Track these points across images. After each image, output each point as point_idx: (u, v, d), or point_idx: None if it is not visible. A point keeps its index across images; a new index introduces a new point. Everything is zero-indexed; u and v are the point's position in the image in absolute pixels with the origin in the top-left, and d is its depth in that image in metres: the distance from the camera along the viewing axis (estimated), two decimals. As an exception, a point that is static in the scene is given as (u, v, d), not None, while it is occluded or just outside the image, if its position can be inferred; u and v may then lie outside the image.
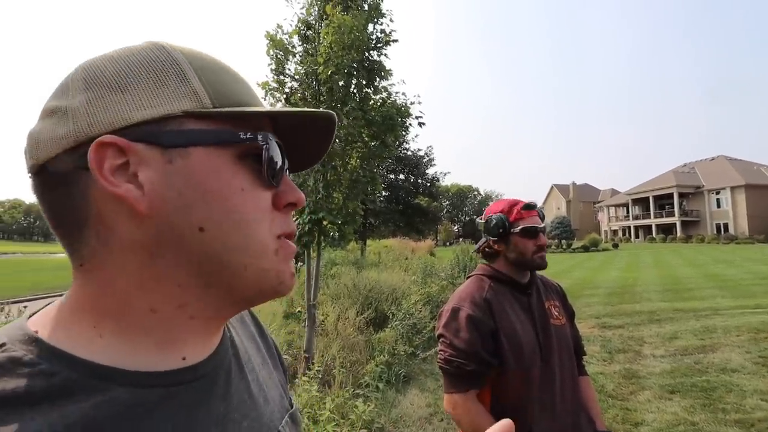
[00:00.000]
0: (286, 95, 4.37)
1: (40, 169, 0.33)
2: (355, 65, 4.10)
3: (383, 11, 4.44)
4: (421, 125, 4.96)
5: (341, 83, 4.06)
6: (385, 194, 26.52)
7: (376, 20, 4.40)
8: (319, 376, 3.31)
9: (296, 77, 4.33)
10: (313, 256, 4.47)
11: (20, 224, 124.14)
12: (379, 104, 4.45)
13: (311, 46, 4.30)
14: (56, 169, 0.32)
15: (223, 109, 0.35)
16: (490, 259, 1.41)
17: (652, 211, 43.77)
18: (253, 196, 0.35)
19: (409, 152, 28.17)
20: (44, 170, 0.33)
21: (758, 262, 15.86)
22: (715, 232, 38.07)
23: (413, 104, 4.72)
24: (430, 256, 15.26)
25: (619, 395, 3.83)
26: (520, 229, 1.31)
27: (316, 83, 4.18)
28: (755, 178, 37.74)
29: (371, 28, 4.36)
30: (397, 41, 4.57)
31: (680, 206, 40.97)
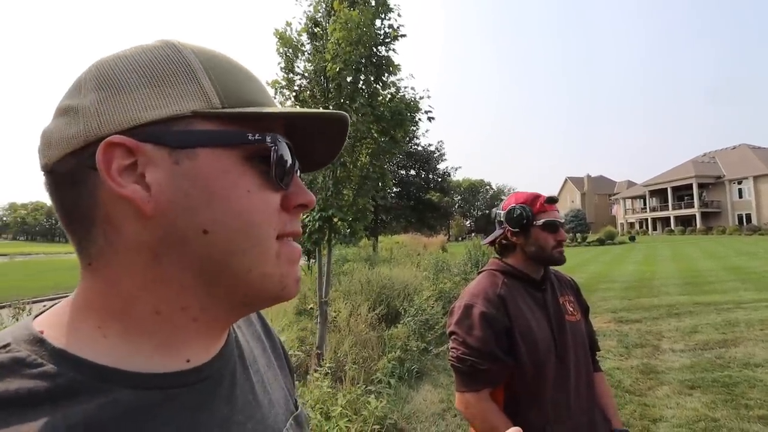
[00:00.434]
0: (295, 93, 4.38)
1: (52, 167, 0.33)
2: (363, 61, 4.08)
3: (391, 6, 4.41)
4: (430, 120, 4.92)
5: (349, 79, 4.05)
6: (396, 190, 26.49)
7: (383, 15, 4.37)
8: (331, 372, 3.33)
9: (305, 75, 4.34)
10: (323, 253, 4.49)
11: (43, 226, 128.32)
12: (387, 100, 4.43)
13: (320, 43, 4.30)
14: (67, 168, 0.33)
15: (231, 109, 0.34)
16: (504, 252, 1.37)
17: (670, 202, 42.74)
18: (260, 198, 0.35)
19: (419, 147, 28.05)
20: (55, 169, 0.33)
21: (783, 253, 15.36)
22: (737, 223, 36.98)
23: (422, 99, 4.69)
24: (442, 251, 15.19)
25: (636, 391, 3.76)
26: (542, 222, 1.27)
27: (324, 80, 4.18)
28: (780, 166, 36.47)
29: (378, 23, 4.33)
30: (405, 36, 4.53)
31: (700, 197, 39.89)
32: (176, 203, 0.32)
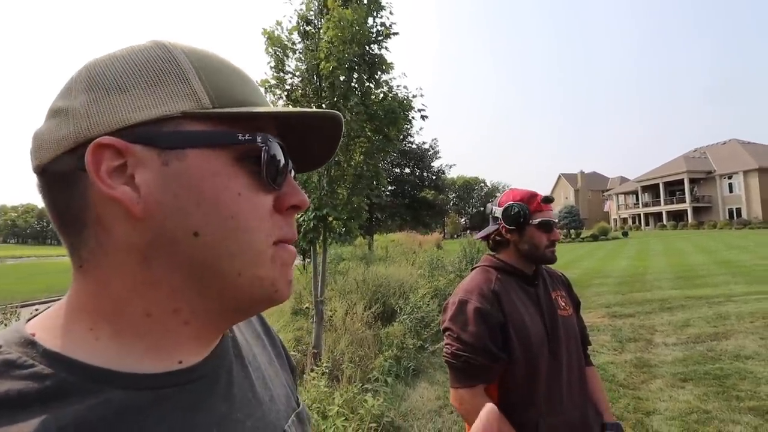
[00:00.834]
0: (287, 92, 4.36)
1: (43, 169, 0.33)
2: (356, 59, 4.07)
3: (383, 4, 4.40)
4: (423, 118, 4.93)
5: (342, 78, 4.04)
6: (390, 188, 26.50)
7: (375, 13, 4.36)
8: (327, 371, 3.33)
9: (297, 74, 4.32)
10: (319, 252, 4.48)
11: (34, 228, 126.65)
12: (380, 98, 4.42)
13: (311, 42, 4.28)
14: (58, 169, 0.32)
15: (221, 109, 0.34)
16: (497, 248, 1.38)
17: (662, 198, 43.18)
18: (250, 200, 0.35)
19: (413, 145, 28.07)
20: (47, 171, 0.33)
21: (772, 246, 15.60)
22: (727, 217, 37.46)
23: (415, 97, 4.69)
24: (437, 249, 15.23)
25: (630, 384, 3.81)
26: (538, 221, 1.28)
27: (317, 79, 4.17)
28: (769, 161, 36.97)
29: (371, 21, 4.33)
30: (397, 34, 4.53)
31: (691, 192, 40.34)
32: (166, 205, 0.32)
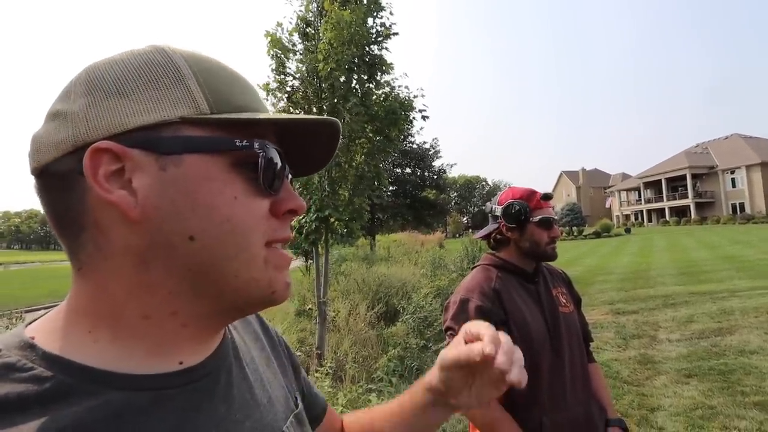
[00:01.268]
0: (287, 94, 4.38)
1: (41, 172, 0.33)
2: (355, 60, 4.08)
3: (382, 4, 4.41)
4: (424, 118, 4.93)
5: (342, 79, 4.05)
6: (392, 188, 26.48)
7: (375, 14, 4.37)
8: (331, 371, 3.34)
9: (297, 76, 4.33)
10: (321, 253, 4.50)
11: (37, 234, 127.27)
12: (381, 99, 4.43)
13: (311, 43, 4.29)
14: (56, 172, 0.33)
15: (219, 115, 0.34)
16: (497, 246, 1.39)
17: (664, 193, 43.02)
18: (246, 204, 0.35)
19: (414, 145, 28.04)
20: (45, 174, 0.33)
21: (776, 241, 15.52)
22: (730, 212, 37.29)
23: (416, 97, 4.69)
24: (439, 248, 15.23)
25: (634, 381, 3.80)
26: (538, 219, 1.29)
27: (317, 80, 4.18)
28: (771, 155, 36.79)
29: (371, 21, 4.33)
30: (397, 34, 4.53)
31: (694, 188, 40.18)
32: (162, 209, 0.32)
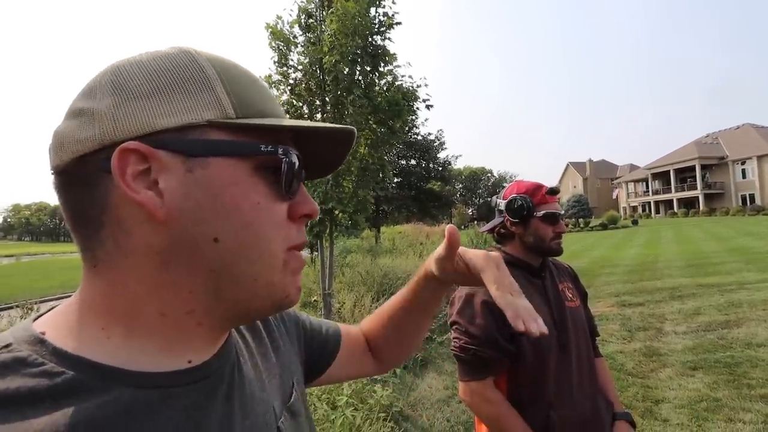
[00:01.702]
0: (290, 86, 4.36)
1: (63, 168, 0.34)
2: (359, 51, 4.05)
3: (385, -7, 4.36)
4: (428, 108, 4.90)
5: (346, 71, 4.02)
6: (396, 180, 26.46)
7: (377, 4, 4.32)
8: (336, 362, 3.36)
9: (300, 68, 4.31)
10: (325, 245, 4.51)
11: (47, 226, 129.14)
12: (384, 90, 4.40)
13: (313, 35, 4.26)
14: (78, 170, 0.33)
15: (246, 120, 0.35)
16: (502, 240, 1.38)
17: (673, 185, 42.52)
18: (268, 208, 0.36)
19: (419, 137, 27.90)
20: (67, 170, 0.33)
21: (787, 233, 15.30)
22: (740, 203, 36.80)
23: (420, 87, 4.66)
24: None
25: (639, 373, 3.80)
26: (543, 213, 1.28)
27: (320, 72, 4.15)
28: (784, 145, 36.11)
29: (373, 11, 4.29)
30: (400, 24, 4.49)
31: (703, 179, 39.66)
32: (187, 211, 0.33)
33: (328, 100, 4.13)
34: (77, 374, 0.30)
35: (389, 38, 4.44)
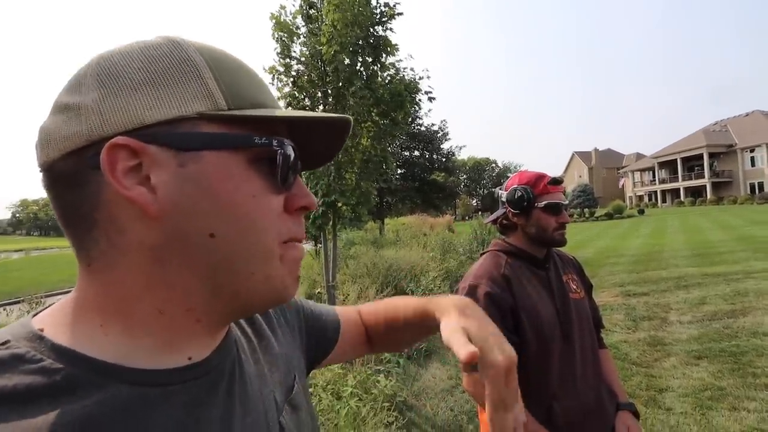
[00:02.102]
0: (293, 78, 4.34)
1: (50, 165, 0.32)
2: (359, 42, 4.01)
3: (386, -18, 4.29)
4: (431, 100, 4.86)
5: (346, 62, 3.99)
6: (400, 172, 26.39)
7: (379, -8, 4.26)
8: (341, 353, 3.39)
9: (302, 59, 4.28)
10: (329, 238, 4.53)
11: (55, 221, 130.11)
12: (386, 81, 4.37)
13: (315, 25, 4.22)
14: (67, 167, 0.32)
15: (239, 112, 0.34)
16: (505, 231, 1.38)
17: (680, 173, 42.01)
18: (264, 201, 0.35)
19: (422, 128, 27.73)
20: (54, 168, 0.32)
21: (796, 221, 15.11)
22: (749, 192, 36.32)
23: (422, 79, 4.62)
24: (449, 231, 15.20)
25: (643, 363, 3.80)
26: (544, 204, 1.27)
27: (321, 64, 4.12)
28: (794, 132, 35.49)
29: (374, 1, 4.23)
30: (401, 14, 4.43)
31: (711, 167, 39.13)
32: (181, 206, 0.32)
33: (329, 92, 4.11)
34: (75, 371, 0.30)
35: (390, 29, 4.40)
